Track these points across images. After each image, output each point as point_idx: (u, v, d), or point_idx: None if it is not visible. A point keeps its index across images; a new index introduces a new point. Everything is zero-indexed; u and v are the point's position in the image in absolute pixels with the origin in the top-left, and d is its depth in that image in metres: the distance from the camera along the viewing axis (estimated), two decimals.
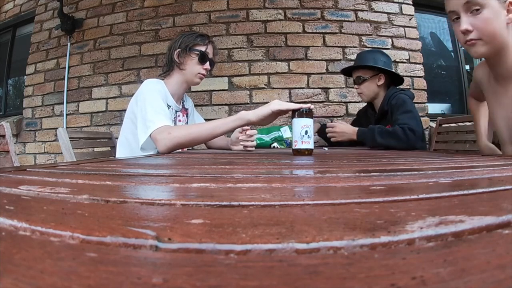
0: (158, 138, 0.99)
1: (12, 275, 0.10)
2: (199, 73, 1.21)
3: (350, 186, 0.30)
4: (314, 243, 0.13)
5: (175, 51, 1.20)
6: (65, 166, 0.50)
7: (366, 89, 1.52)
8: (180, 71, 1.21)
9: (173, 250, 0.13)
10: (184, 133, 1.00)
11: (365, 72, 1.50)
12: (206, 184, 0.31)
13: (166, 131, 0.99)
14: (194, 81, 1.24)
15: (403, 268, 0.11)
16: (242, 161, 0.64)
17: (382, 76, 1.48)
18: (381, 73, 1.48)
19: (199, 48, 1.20)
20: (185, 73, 1.21)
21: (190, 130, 1.03)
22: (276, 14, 2.13)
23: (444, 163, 0.56)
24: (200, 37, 1.21)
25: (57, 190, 0.27)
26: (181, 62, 1.20)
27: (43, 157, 2.39)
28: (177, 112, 1.27)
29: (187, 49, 1.18)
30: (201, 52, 1.19)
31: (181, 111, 1.31)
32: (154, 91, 1.11)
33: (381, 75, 1.48)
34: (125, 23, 2.26)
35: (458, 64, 2.55)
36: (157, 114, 1.04)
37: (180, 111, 1.30)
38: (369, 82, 1.50)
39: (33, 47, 2.55)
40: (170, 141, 0.98)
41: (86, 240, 0.14)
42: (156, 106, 1.06)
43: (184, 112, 1.35)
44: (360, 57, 1.56)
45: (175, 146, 1.00)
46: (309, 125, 0.85)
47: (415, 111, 1.34)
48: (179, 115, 1.30)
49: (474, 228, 0.15)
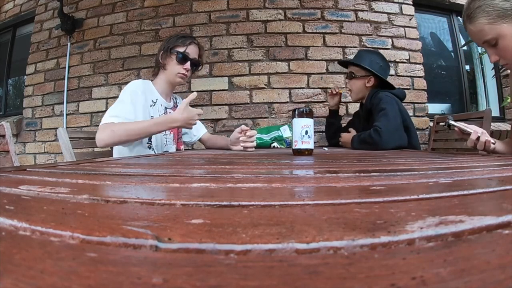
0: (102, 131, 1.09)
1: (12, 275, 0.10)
2: (179, 73, 1.27)
3: (350, 186, 0.30)
4: (314, 243, 0.13)
5: (160, 53, 1.29)
6: (65, 166, 0.50)
7: (354, 86, 1.55)
8: (164, 71, 1.30)
9: (173, 250, 0.13)
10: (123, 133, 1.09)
11: (358, 70, 1.52)
12: (206, 184, 0.31)
13: (110, 128, 1.09)
14: (175, 81, 1.30)
15: (403, 268, 0.11)
16: (242, 161, 0.64)
17: (372, 79, 1.49)
18: (372, 76, 1.49)
19: (178, 49, 1.26)
20: (167, 73, 1.29)
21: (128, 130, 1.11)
22: (276, 14, 2.13)
23: (444, 163, 0.56)
24: (182, 39, 1.28)
25: (57, 190, 0.27)
26: (164, 63, 1.29)
27: (43, 157, 2.39)
28: (167, 108, 1.33)
29: (168, 51, 1.27)
30: (179, 53, 1.26)
31: (173, 108, 1.36)
32: (130, 92, 1.19)
33: (371, 77, 1.49)
34: (125, 23, 2.26)
35: (458, 64, 2.55)
36: (116, 110, 1.14)
37: (171, 109, 1.35)
38: (358, 80, 1.52)
39: (33, 47, 2.55)
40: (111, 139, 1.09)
41: (86, 240, 0.14)
42: (121, 105, 1.15)
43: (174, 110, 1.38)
44: (359, 55, 1.57)
45: (114, 143, 1.13)
46: (309, 125, 0.85)
47: (390, 107, 1.31)
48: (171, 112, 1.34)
49: (474, 228, 0.15)
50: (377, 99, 1.37)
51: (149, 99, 1.25)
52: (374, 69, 1.47)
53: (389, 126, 1.25)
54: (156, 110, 1.27)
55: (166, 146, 1.32)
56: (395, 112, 1.31)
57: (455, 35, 2.56)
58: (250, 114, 2.05)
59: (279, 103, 2.06)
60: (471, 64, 2.65)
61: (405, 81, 2.13)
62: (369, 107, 1.45)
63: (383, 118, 1.28)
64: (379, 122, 1.27)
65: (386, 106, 1.31)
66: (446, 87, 2.60)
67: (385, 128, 1.24)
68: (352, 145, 1.36)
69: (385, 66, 1.54)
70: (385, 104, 1.32)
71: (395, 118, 1.29)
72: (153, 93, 1.28)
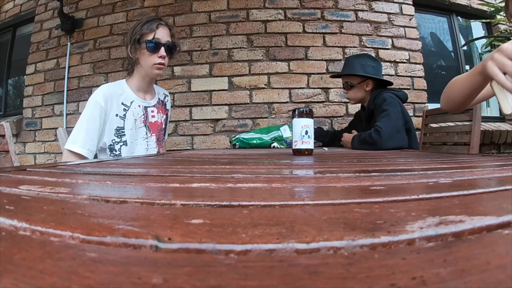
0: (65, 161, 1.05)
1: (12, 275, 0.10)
2: (154, 63, 1.13)
3: (350, 186, 0.30)
4: (314, 243, 0.13)
5: (128, 48, 1.14)
6: (65, 166, 0.50)
7: (354, 95, 1.55)
8: (139, 66, 1.16)
9: (173, 250, 0.13)
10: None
11: (354, 79, 1.52)
12: (206, 184, 0.31)
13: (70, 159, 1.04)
14: (153, 73, 1.15)
15: (403, 268, 0.11)
16: (242, 161, 0.64)
17: (370, 82, 1.50)
18: (369, 79, 1.49)
19: (146, 38, 1.11)
20: (143, 67, 1.15)
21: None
22: (276, 14, 2.13)
23: (444, 163, 0.56)
24: (146, 24, 1.12)
25: (57, 190, 0.27)
26: (135, 57, 1.13)
27: (43, 157, 2.39)
28: (147, 107, 1.20)
29: (136, 42, 1.12)
30: (148, 41, 1.10)
31: (156, 106, 1.24)
32: (94, 105, 1.09)
33: (369, 81, 1.50)
34: (125, 23, 2.26)
35: (458, 64, 2.55)
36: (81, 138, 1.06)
37: (154, 106, 1.23)
38: (357, 88, 1.53)
39: (33, 47, 2.55)
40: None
41: (86, 240, 0.14)
42: (84, 132, 1.06)
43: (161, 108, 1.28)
44: (348, 64, 1.56)
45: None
46: (309, 125, 0.85)
47: (392, 109, 1.31)
48: (153, 111, 1.23)
49: (474, 228, 0.15)
50: (381, 99, 1.37)
51: (120, 104, 1.13)
52: (368, 73, 1.48)
53: (390, 126, 1.25)
54: (131, 114, 1.15)
55: (148, 150, 1.19)
56: (397, 113, 1.31)
57: (455, 35, 2.56)
58: (250, 114, 2.05)
59: (279, 103, 2.06)
60: (471, 64, 2.65)
61: (405, 81, 2.13)
62: (372, 108, 1.45)
63: (385, 118, 1.28)
64: (381, 122, 1.27)
65: (388, 107, 1.31)
66: None
67: (385, 129, 1.24)
68: (353, 145, 1.36)
69: (377, 65, 1.54)
70: (388, 105, 1.32)
71: (396, 119, 1.30)
72: (126, 95, 1.15)
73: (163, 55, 1.13)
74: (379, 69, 1.54)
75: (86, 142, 1.06)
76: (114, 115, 1.12)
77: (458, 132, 1.69)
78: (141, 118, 1.18)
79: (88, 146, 1.06)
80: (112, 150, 1.13)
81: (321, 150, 1.28)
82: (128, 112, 1.14)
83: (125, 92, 1.16)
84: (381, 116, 1.30)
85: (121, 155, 1.13)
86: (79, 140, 1.06)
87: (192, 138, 2.08)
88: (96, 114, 1.08)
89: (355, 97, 1.55)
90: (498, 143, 2.18)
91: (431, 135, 1.90)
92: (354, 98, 1.56)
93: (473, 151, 1.51)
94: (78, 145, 1.05)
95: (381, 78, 1.51)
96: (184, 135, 2.08)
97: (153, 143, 1.23)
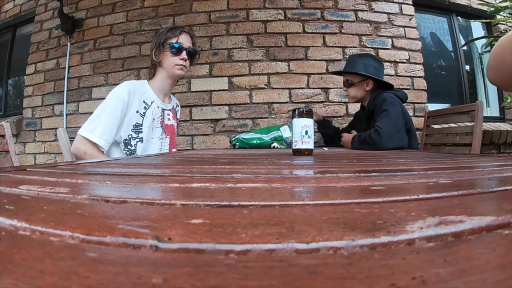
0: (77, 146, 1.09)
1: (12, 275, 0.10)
2: (176, 64, 1.22)
3: (350, 186, 0.30)
4: (314, 243, 0.13)
5: (153, 51, 1.25)
6: (65, 166, 0.50)
7: (353, 93, 1.55)
8: (161, 68, 1.25)
9: (173, 250, 0.13)
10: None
11: (354, 77, 1.52)
12: (206, 184, 0.31)
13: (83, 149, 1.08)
14: (175, 73, 1.24)
15: (403, 268, 0.11)
16: (242, 161, 0.64)
17: (371, 82, 1.50)
18: (370, 79, 1.49)
19: (170, 41, 1.22)
20: (165, 69, 1.24)
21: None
22: (276, 14, 2.13)
23: (444, 163, 0.56)
24: (171, 30, 1.24)
25: (57, 190, 0.27)
26: (158, 60, 1.24)
27: (43, 157, 2.39)
28: (164, 110, 1.28)
29: (160, 46, 1.22)
30: (172, 44, 1.21)
31: (172, 111, 1.32)
32: (117, 98, 1.13)
33: (369, 80, 1.50)
34: (125, 23, 2.26)
35: (458, 64, 2.55)
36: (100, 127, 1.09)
37: (170, 110, 1.31)
38: (357, 86, 1.53)
39: (33, 47, 2.55)
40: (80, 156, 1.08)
41: (86, 240, 0.14)
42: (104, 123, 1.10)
43: (174, 114, 1.35)
44: (351, 62, 1.57)
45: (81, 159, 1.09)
46: (309, 125, 0.85)
47: (392, 109, 1.31)
48: (169, 114, 1.30)
49: (474, 228, 0.15)
50: (381, 99, 1.37)
51: (142, 102, 1.19)
52: (370, 73, 1.48)
53: (390, 126, 1.25)
54: (151, 113, 1.21)
55: (161, 151, 1.26)
56: (397, 113, 1.31)
57: (455, 35, 2.56)
58: (250, 114, 2.05)
59: (279, 103, 2.06)
60: (471, 64, 2.65)
61: (405, 81, 2.13)
62: (372, 108, 1.45)
63: (385, 118, 1.28)
64: (380, 122, 1.27)
65: (388, 107, 1.31)
66: (446, 87, 2.60)
67: (385, 129, 1.24)
68: (353, 145, 1.36)
69: (379, 66, 1.54)
70: (388, 105, 1.32)
71: (396, 119, 1.29)
72: (148, 95, 1.22)
73: (184, 58, 1.23)
74: (381, 70, 1.54)
75: (104, 133, 1.10)
76: (134, 111, 1.17)
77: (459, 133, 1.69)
78: (158, 119, 1.24)
79: (105, 137, 1.10)
80: (127, 145, 1.17)
81: (321, 150, 1.28)
82: (148, 111, 1.21)
83: (147, 91, 1.23)
84: (381, 116, 1.31)
85: (136, 151, 1.18)
86: (97, 130, 1.09)
87: (192, 138, 2.08)
88: (118, 108, 1.13)
89: (354, 95, 1.55)
90: (498, 143, 2.18)
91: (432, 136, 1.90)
92: (353, 96, 1.56)
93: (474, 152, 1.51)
94: (96, 135, 1.08)
95: (382, 80, 1.51)
96: (184, 135, 2.08)
97: (167, 145, 1.29)
